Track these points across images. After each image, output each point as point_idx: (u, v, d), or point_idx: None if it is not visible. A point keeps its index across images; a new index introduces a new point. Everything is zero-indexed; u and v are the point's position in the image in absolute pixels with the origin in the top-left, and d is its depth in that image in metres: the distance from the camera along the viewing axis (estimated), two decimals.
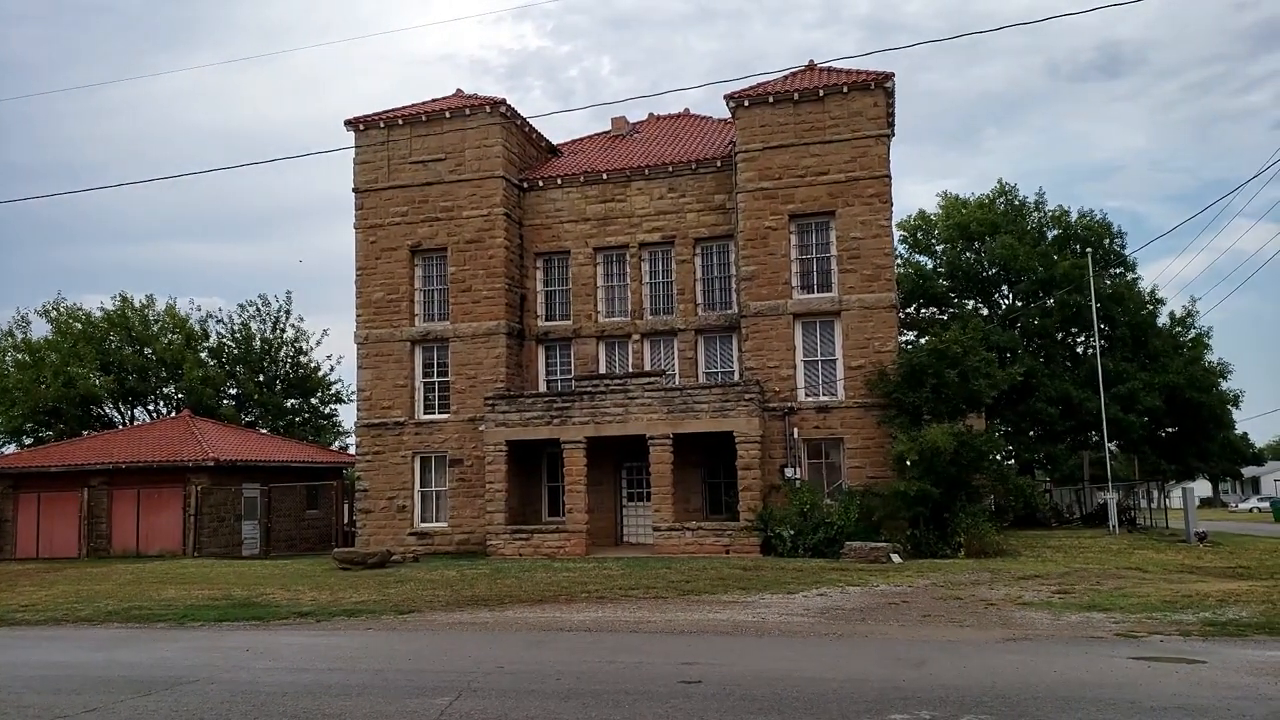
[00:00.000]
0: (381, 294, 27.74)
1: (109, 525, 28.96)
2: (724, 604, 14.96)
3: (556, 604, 15.58)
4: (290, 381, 42.34)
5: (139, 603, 16.89)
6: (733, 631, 12.44)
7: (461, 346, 27.06)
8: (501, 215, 27.07)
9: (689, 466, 25.55)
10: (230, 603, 16.65)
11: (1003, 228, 36.73)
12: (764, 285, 25.21)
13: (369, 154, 28.23)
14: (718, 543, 23.49)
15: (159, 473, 28.64)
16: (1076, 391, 32.28)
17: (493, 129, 27.39)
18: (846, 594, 15.90)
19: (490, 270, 27.05)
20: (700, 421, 24.02)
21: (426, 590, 17.55)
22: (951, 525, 22.70)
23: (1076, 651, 10.43)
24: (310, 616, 14.97)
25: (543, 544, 24.44)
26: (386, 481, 27.03)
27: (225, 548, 28.78)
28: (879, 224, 24.85)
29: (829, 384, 25.04)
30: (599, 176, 27.88)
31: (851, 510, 22.72)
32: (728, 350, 27.03)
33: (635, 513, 26.97)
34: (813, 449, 24.87)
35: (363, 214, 28.10)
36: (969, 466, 22.70)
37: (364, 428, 27.43)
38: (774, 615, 13.67)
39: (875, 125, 25.10)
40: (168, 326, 40.65)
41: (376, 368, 27.55)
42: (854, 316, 24.66)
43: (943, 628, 12.38)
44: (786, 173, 25.39)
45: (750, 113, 25.76)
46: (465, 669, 10.00)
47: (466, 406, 26.75)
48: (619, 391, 24.68)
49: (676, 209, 27.38)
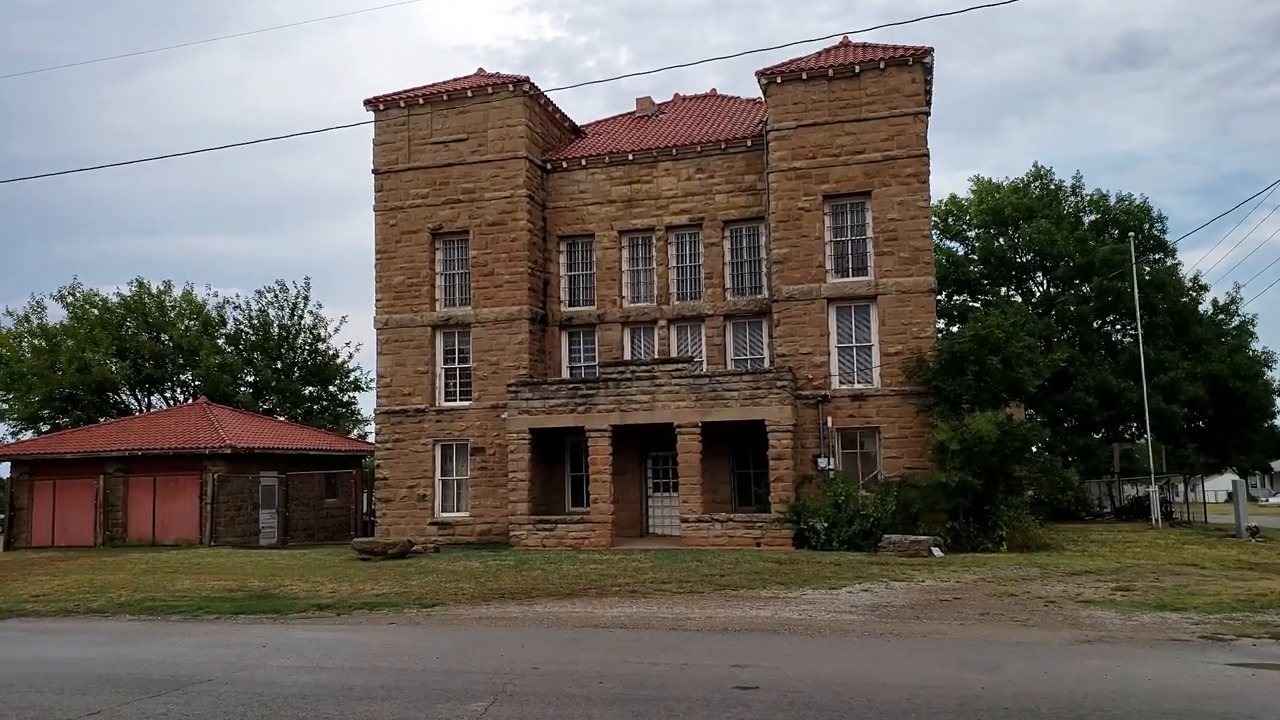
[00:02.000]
0: (402, 278, 27.02)
1: (125, 513, 28.45)
2: (764, 600, 14.16)
3: (586, 598, 14.84)
4: (308, 369, 41.73)
5: (153, 594, 16.28)
6: (779, 630, 11.64)
7: (483, 332, 26.31)
8: (524, 197, 26.27)
9: (717, 456, 24.72)
10: (246, 594, 16.01)
11: (1038, 212, 35.55)
12: (797, 268, 24.29)
13: (389, 134, 27.47)
14: (748, 535, 22.67)
15: (175, 460, 28.09)
16: (1116, 381, 31.15)
17: (516, 108, 26.57)
18: (893, 590, 15.07)
19: (513, 253, 26.26)
20: (730, 410, 23.17)
21: (450, 582, 16.85)
22: (993, 518, 21.82)
23: (1164, 656, 9.56)
24: (330, 609, 14.30)
25: (566, 535, 23.71)
26: (407, 470, 26.36)
27: (242, 537, 28.23)
28: (917, 205, 23.89)
29: (864, 371, 24.12)
30: (624, 157, 27.01)
31: (888, 502, 21.84)
32: (758, 336, 26.14)
33: (661, 503, 26.19)
34: (847, 438, 23.98)
35: (382, 196, 27.37)
36: (1012, 457, 21.78)
37: (384, 415, 26.76)
38: (821, 613, 12.86)
39: (913, 102, 24.11)
40: (184, 313, 40.09)
41: (396, 354, 26.86)
42: (891, 301, 23.72)
43: (1006, 627, 11.53)
44: (820, 152, 24.43)
45: (783, 89, 24.81)
46: (497, 669, 9.26)
47: (488, 394, 26.02)
48: (646, 378, 23.88)
49: (705, 190, 26.48)
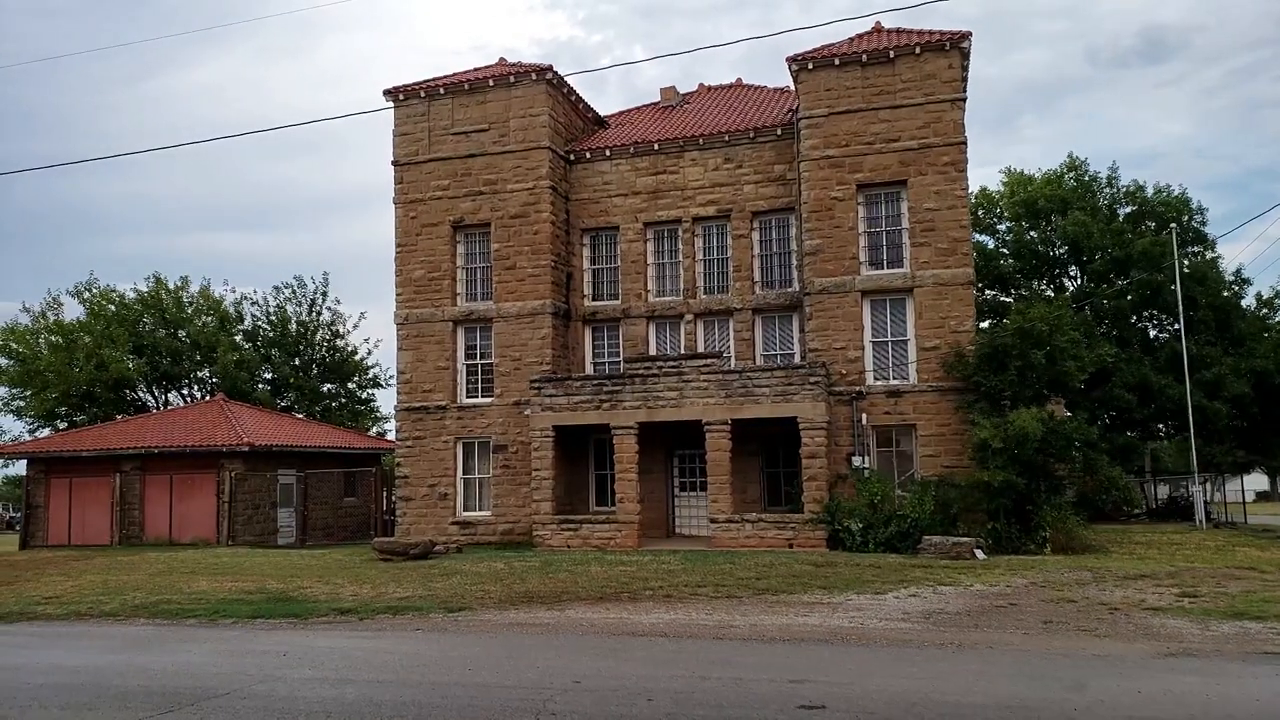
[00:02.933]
0: (422, 272, 26.39)
1: (141, 512, 27.97)
2: (809, 605, 13.39)
3: (619, 603, 14.13)
4: (327, 365, 41.22)
5: (168, 596, 15.68)
6: (831, 639, 10.88)
7: (505, 327, 25.65)
8: (548, 188, 25.58)
9: (746, 454, 23.96)
10: (265, 597, 15.39)
11: (1073, 204, 34.52)
12: (829, 260, 23.48)
13: (409, 125, 26.84)
14: (780, 536, 21.90)
15: (192, 458, 27.59)
16: (1156, 378, 30.15)
17: (539, 97, 25.88)
18: (941, 595, 14.27)
19: (536, 246, 25.58)
20: (761, 406, 22.41)
21: (475, 584, 16.18)
22: (1035, 519, 20.97)
23: (1262, 673, 8.74)
24: (352, 614, 13.65)
25: (592, 535, 23.02)
26: (427, 468, 25.73)
27: (260, 536, 27.71)
28: (954, 194, 23.06)
29: (900, 366, 23.29)
30: (650, 147, 26.26)
31: (926, 502, 21.02)
32: (788, 331, 25.35)
33: (688, 503, 25.45)
34: (882, 436, 23.16)
35: (402, 188, 26.75)
36: (1055, 455, 20.91)
37: (404, 412, 26.14)
38: (873, 620, 12.09)
39: (950, 88, 23.26)
40: (201, 309, 39.66)
41: (417, 349, 26.23)
42: (928, 293, 22.87)
43: (1076, 638, 10.72)
44: (854, 140, 23.61)
45: (814, 76, 24.00)
46: (536, 683, 8.56)
47: (511, 390, 25.35)
48: (673, 374, 23.14)
49: (733, 180, 25.70)
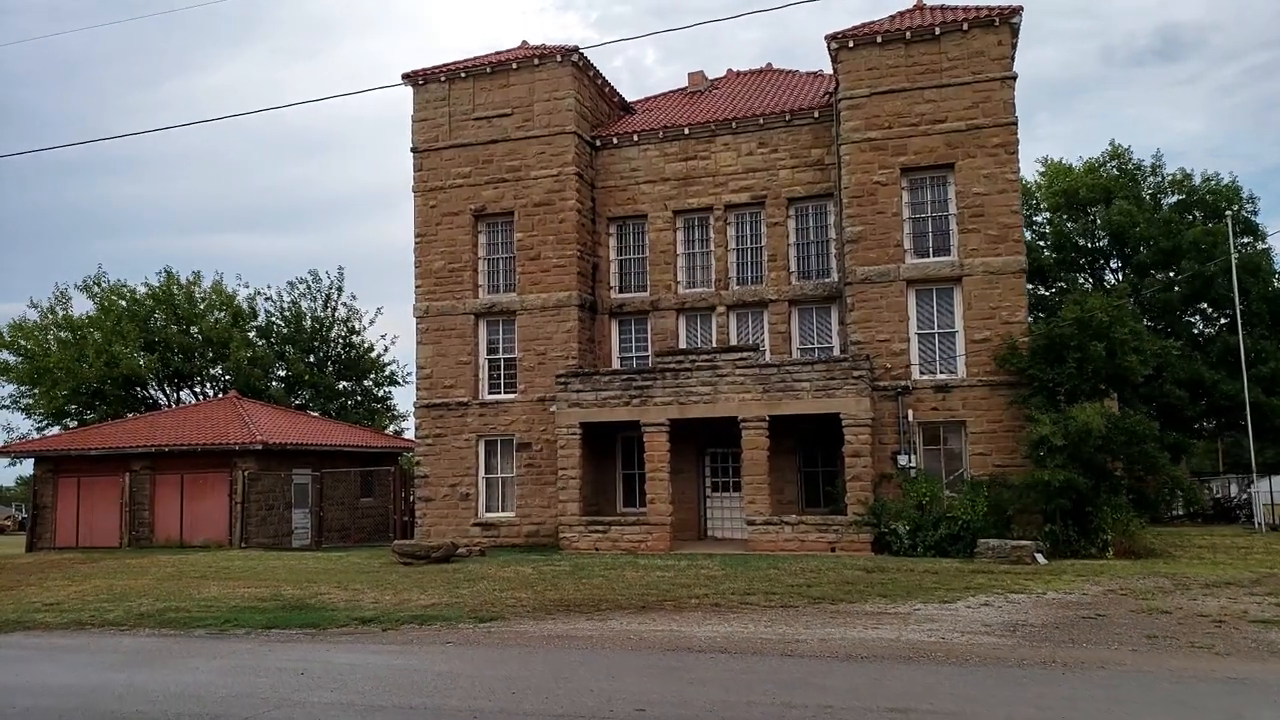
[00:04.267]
0: (442, 263, 25.30)
1: (151, 513, 26.97)
2: (874, 616, 12.18)
3: (664, 612, 12.95)
4: (342, 362, 40.21)
5: (176, 603, 14.60)
6: (914, 656, 9.68)
7: (529, 320, 24.53)
8: (573, 175, 24.45)
9: (783, 453, 22.75)
10: (280, 604, 14.30)
11: (1116, 193, 33.17)
12: (872, 248, 22.26)
13: (428, 110, 25.78)
14: (821, 539, 20.70)
15: (204, 456, 26.58)
16: (1209, 373, 28.79)
17: (564, 80, 24.75)
18: (1016, 604, 13.04)
19: (561, 236, 24.45)
20: (801, 402, 21.21)
21: (504, 591, 15.04)
22: (1095, 521, 19.67)
23: None
24: (374, 623, 12.54)
25: (621, 537, 21.87)
26: (448, 467, 24.63)
27: (274, 538, 26.67)
28: (1005, 177, 21.77)
29: (947, 360, 22.03)
30: (680, 131, 25.10)
31: (979, 503, 19.77)
32: (826, 324, 24.13)
33: (721, 504, 24.26)
34: (929, 434, 21.90)
35: (421, 176, 25.68)
36: (1117, 453, 19.62)
37: (424, 409, 25.05)
38: (952, 634, 10.87)
39: (999, 66, 22.01)
40: (214, 304, 38.71)
41: (437, 343, 25.14)
42: (977, 283, 21.62)
43: (1195, 657, 9.47)
44: (897, 121, 22.39)
45: (855, 54, 22.78)
46: (593, 712, 7.40)
47: (535, 385, 24.23)
48: (707, 368, 21.96)
49: (767, 166, 24.51)
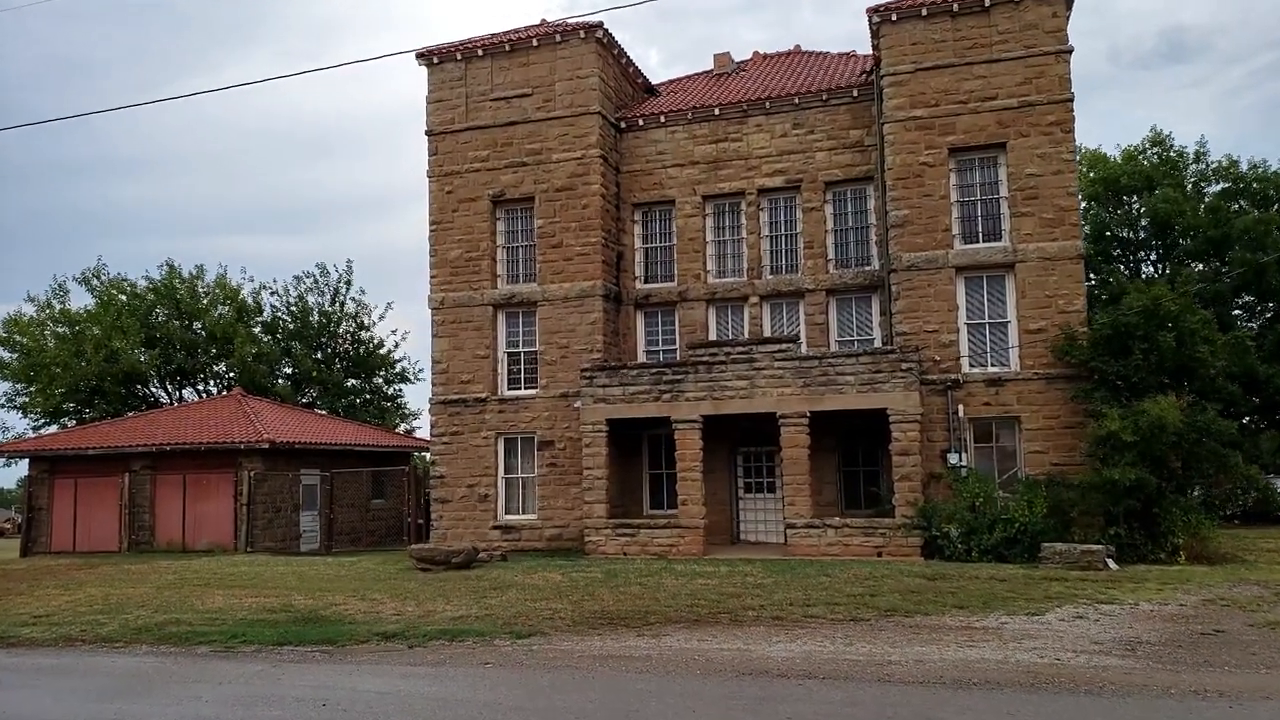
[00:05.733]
0: (459, 251, 23.96)
1: (152, 515, 25.63)
2: (961, 631, 10.83)
3: (722, 627, 11.61)
4: (351, 359, 38.85)
5: (177, 614, 13.26)
6: (1035, 683, 8.32)
7: (551, 311, 23.18)
8: (598, 158, 23.10)
9: (822, 451, 21.33)
10: (291, 616, 12.96)
11: (1158, 181, 31.77)
12: (918, 233, 20.89)
13: (444, 91, 24.44)
14: (867, 543, 19.33)
15: (207, 456, 25.25)
16: (1263, 367, 27.40)
17: (587, 58, 23.42)
18: (1112, 617, 11.70)
19: (584, 222, 23.11)
20: (844, 397, 19.84)
21: (537, 600, 13.69)
22: (1164, 523, 18.30)
23: None
24: (398, 638, 11.20)
25: (651, 541, 20.52)
26: (466, 467, 23.28)
27: (281, 541, 25.34)
28: (1061, 157, 20.38)
29: (999, 352, 20.65)
30: (709, 112, 23.75)
31: (1037, 504, 18.38)
32: (866, 314, 22.76)
33: (754, 505, 22.88)
34: (980, 430, 20.51)
35: (437, 160, 24.35)
36: (1190, 451, 18.24)
37: (439, 405, 23.70)
38: (1065, 653, 9.50)
39: (1054, 39, 20.62)
40: (218, 299, 37.36)
41: (454, 336, 23.79)
42: (1031, 269, 20.25)
43: None
44: (944, 99, 21.03)
45: (898, 28, 21.43)
46: None
47: (558, 380, 22.88)
48: (743, 361, 20.60)
49: (803, 148, 23.15)
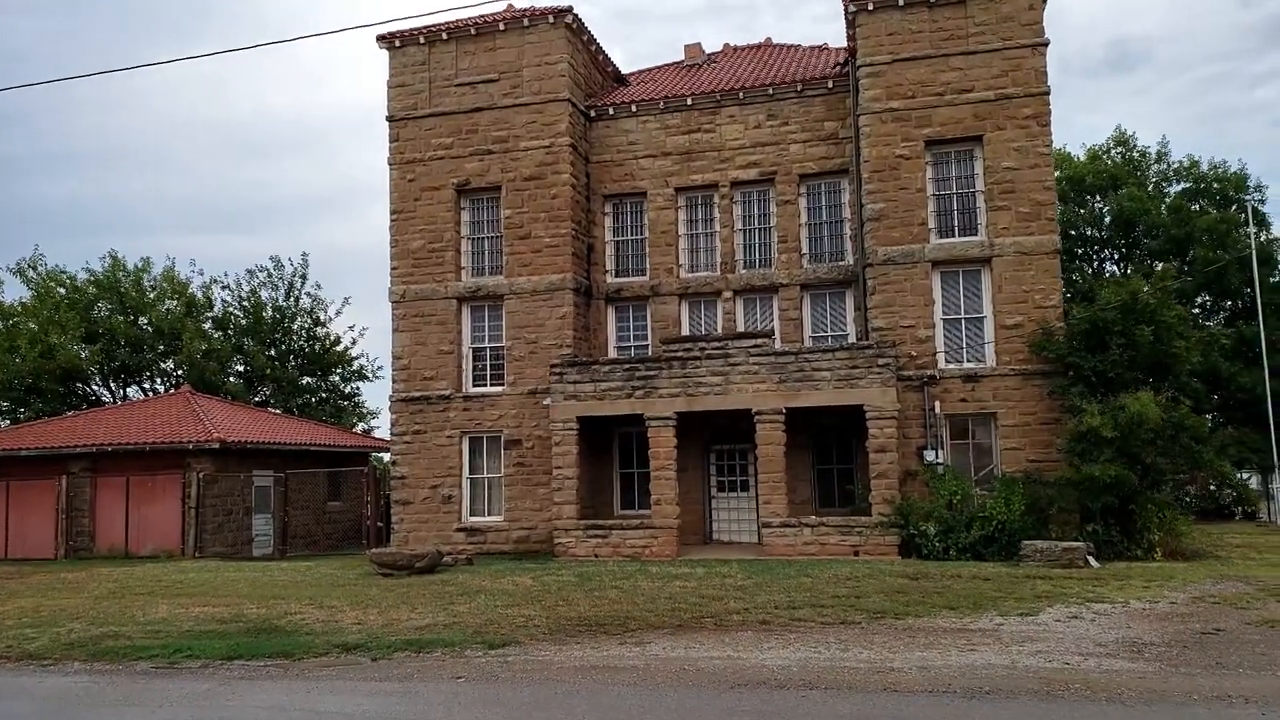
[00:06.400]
0: (421, 242, 23.06)
1: (92, 520, 24.27)
2: (958, 634, 10.33)
3: (707, 632, 10.99)
4: (306, 356, 37.49)
5: (116, 626, 12.25)
6: (1052, 691, 7.81)
7: (519, 305, 22.40)
8: (567, 146, 22.38)
9: (796, 449, 20.85)
10: (243, 627, 12.05)
11: (1123, 180, 31.98)
12: (894, 227, 20.53)
13: (406, 75, 23.53)
14: (844, 542, 18.90)
15: (153, 457, 23.97)
16: (1226, 365, 27.64)
17: (557, 43, 22.69)
18: (1107, 616, 11.34)
19: (553, 213, 22.38)
20: (821, 393, 19.40)
21: (508, 607, 12.94)
22: (1140, 520, 18.17)
23: None
24: (360, 650, 10.39)
25: (623, 542, 19.87)
26: (428, 467, 22.40)
27: (232, 546, 24.18)
28: (1037, 151, 20.18)
29: (975, 347, 20.37)
30: (682, 102, 23.17)
31: (1015, 502, 18.12)
32: (840, 309, 22.36)
33: (727, 505, 22.36)
34: (956, 427, 20.22)
35: (398, 147, 23.42)
36: (1166, 447, 18.11)
37: (401, 403, 22.78)
38: (1070, 656, 9.04)
39: (1030, 32, 20.43)
40: (165, 293, 35.75)
41: (416, 330, 22.89)
42: (1008, 264, 20.00)
43: None
44: (921, 90, 20.70)
45: (875, 18, 21.05)
46: None
47: (525, 377, 22.11)
48: (718, 357, 20.05)
49: (777, 140, 22.67)
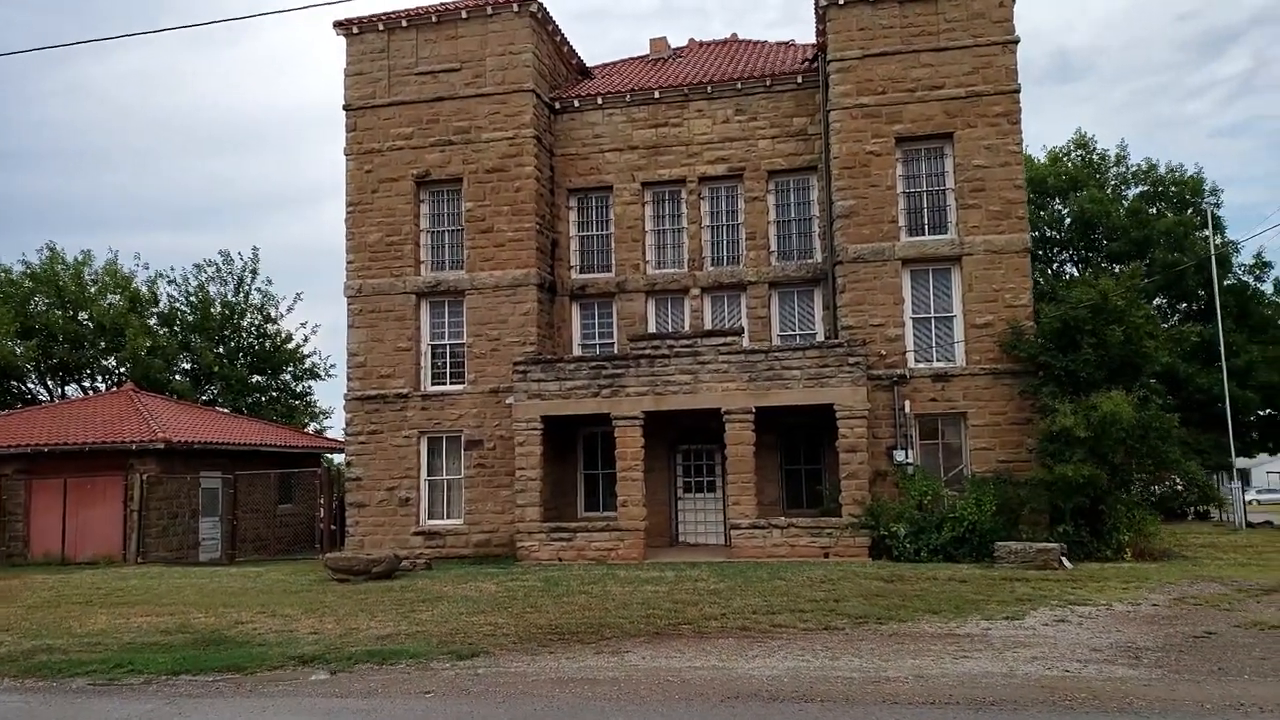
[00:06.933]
0: (379, 235, 22.25)
1: (26, 524, 22.95)
2: (947, 640, 9.99)
3: (684, 639, 10.51)
4: (256, 354, 36.22)
5: (50, 639, 11.37)
6: (1059, 701, 7.47)
7: (481, 301, 21.71)
8: (531, 138, 21.76)
9: (764, 449, 20.47)
10: (190, 638, 11.26)
11: (1083, 182, 32.27)
12: (865, 224, 20.27)
13: (364, 63, 22.69)
14: (814, 544, 18.55)
15: (93, 457, 22.76)
16: (1184, 366, 27.97)
17: (521, 32, 22.06)
18: (1093, 619, 11.11)
19: (517, 206, 21.73)
20: (791, 392, 19.04)
21: (474, 614, 12.32)
22: (1110, 520, 18.14)
23: None
24: (318, 663, 9.71)
25: (589, 545, 19.31)
26: (385, 468, 21.59)
27: (178, 551, 23.08)
28: (1008, 149, 20.06)
29: (945, 347, 20.19)
30: (649, 95, 22.68)
31: (986, 502, 17.94)
32: (808, 307, 22.05)
33: (694, 506, 21.92)
34: (926, 427, 20.00)
35: (355, 137, 22.58)
36: (1137, 447, 18.08)
37: (356, 402, 21.94)
38: (1068, 662, 8.73)
39: (1001, 29, 20.31)
40: (108, 287, 34.22)
41: (372, 327, 22.06)
42: (978, 262, 19.84)
43: None
44: (892, 86, 20.48)
45: (846, 12, 20.78)
46: None
47: (487, 375, 21.42)
48: (686, 355, 19.58)
49: (746, 135, 22.30)
